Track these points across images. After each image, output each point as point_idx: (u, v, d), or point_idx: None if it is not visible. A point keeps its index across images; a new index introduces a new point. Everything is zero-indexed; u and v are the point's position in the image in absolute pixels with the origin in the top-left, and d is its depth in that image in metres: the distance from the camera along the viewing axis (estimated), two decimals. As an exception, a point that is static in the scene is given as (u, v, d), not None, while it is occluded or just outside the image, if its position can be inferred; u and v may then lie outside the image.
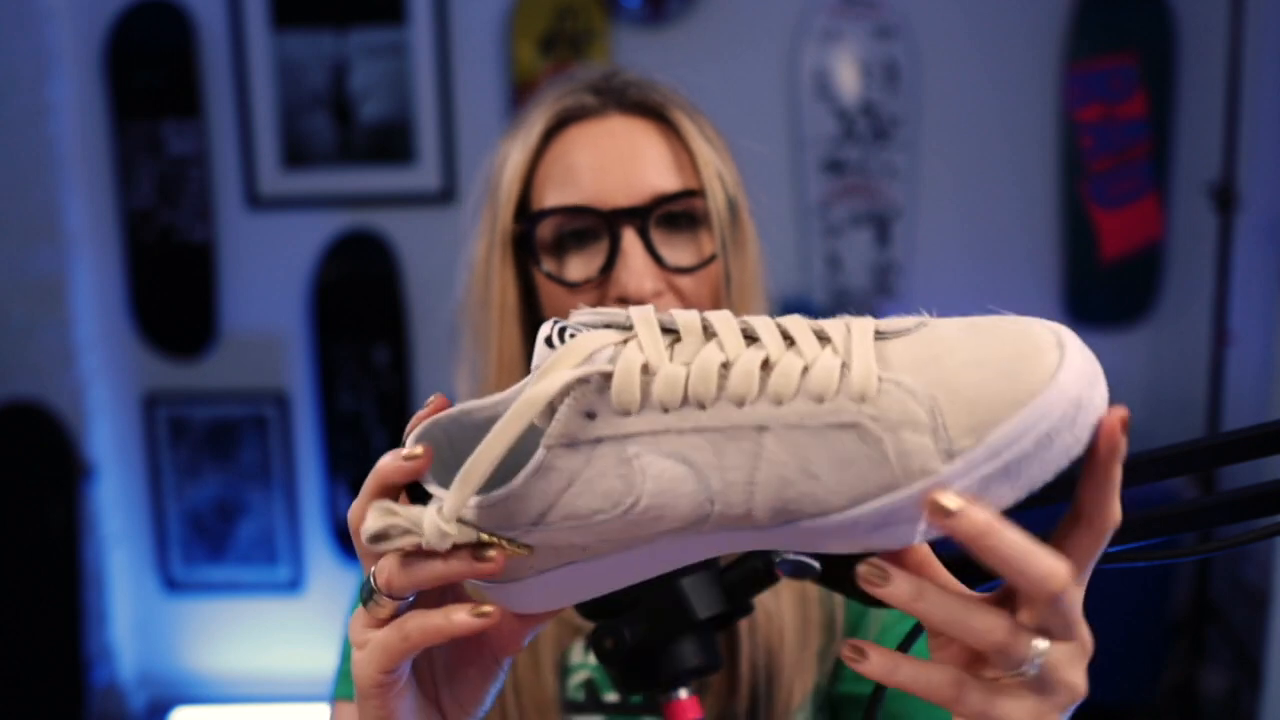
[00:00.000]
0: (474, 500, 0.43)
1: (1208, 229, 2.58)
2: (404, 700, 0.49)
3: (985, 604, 0.43)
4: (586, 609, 0.64)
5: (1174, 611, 2.68)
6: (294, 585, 2.92)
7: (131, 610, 2.99)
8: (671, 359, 0.42)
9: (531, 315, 0.82)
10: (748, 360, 0.42)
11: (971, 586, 0.46)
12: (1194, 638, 2.54)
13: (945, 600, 0.42)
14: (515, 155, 0.80)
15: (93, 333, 2.88)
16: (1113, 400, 0.42)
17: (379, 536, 0.43)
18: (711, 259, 0.78)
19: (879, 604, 0.60)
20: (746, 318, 0.44)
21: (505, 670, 0.52)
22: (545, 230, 0.78)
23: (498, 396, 0.47)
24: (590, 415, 0.42)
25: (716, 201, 0.77)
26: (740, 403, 0.42)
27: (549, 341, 0.43)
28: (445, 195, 2.80)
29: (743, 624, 0.81)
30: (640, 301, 0.75)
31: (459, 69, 2.78)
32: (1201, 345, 2.62)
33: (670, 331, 0.43)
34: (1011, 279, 2.84)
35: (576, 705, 0.82)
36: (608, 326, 0.43)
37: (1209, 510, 0.57)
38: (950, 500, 0.39)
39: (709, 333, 0.43)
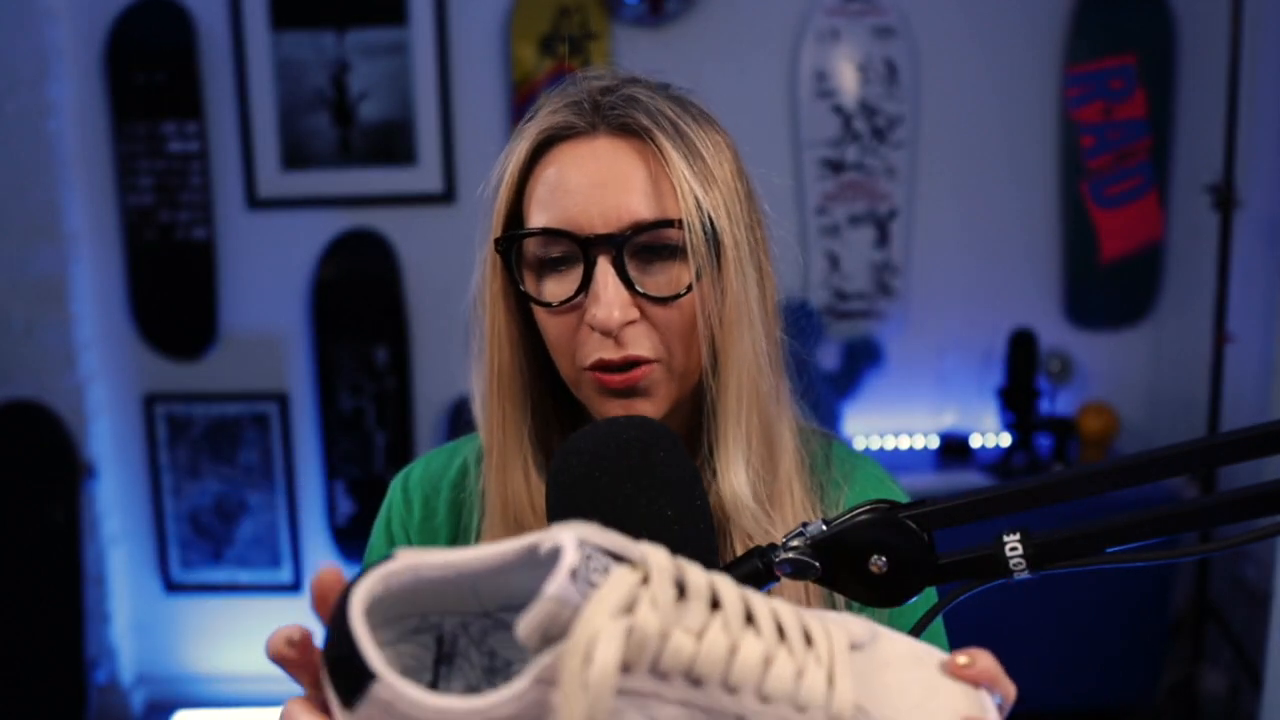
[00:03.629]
0: None
1: (1208, 229, 2.58)
2: None
3: None
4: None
5: (1174, 611, 2.68)
6: (293, 585, 2.93)
7: (131, 610, 2.99)
8: (682, 625, 0.42)
9: (531, 329, 0.83)
10: (751, 652, 0.43)
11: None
12: (1194, 638, 2.54)
13: None
14: (509, 166, 0.80)
15: (93, 333, 2.88)
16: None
17: None
18: (685, 291, 0.76)
19: (880, 604, 0.60)
20: (747, 593, 0.44)
21: None
22: (528, 249, 0.79)
23: (468, 555, 0.44)
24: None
25: (694, 233, 0.75)
26: (733, 690, 0.42)
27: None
28: (445, 195, 2.80)
29: None
30: (608, 331, 0.75)
31: (459, 69, 2.78)
32: (1201, 345, 2.62)
33: (680, 589, 0.43)
34: (1011, 279, 2.84)
35: None
36: (618, 558, 0.42)
37: (1209, 510, 0.57)
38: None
39: (715, 604, 0.43)
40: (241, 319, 2.88)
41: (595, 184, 0.76)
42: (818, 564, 0.59)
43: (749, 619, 0.44)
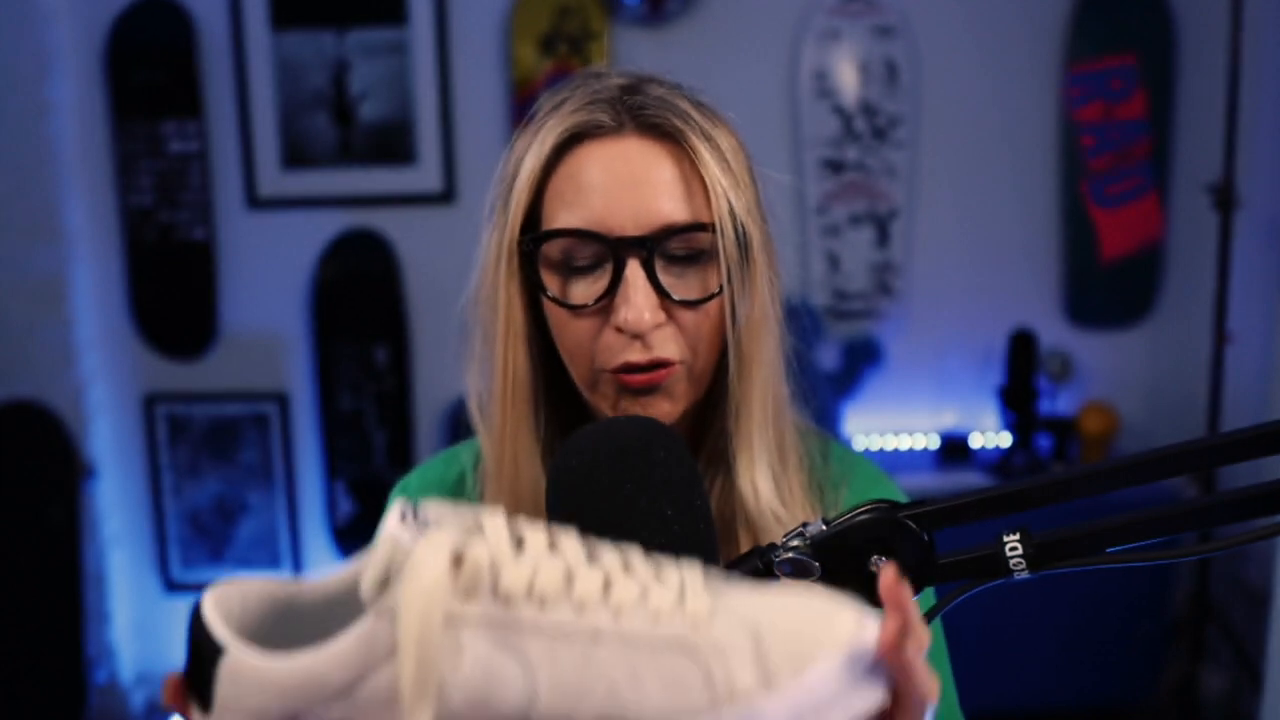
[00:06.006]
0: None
1: (1208, 229, 2.58)
2: None
3: None
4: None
5: (1174, 611, 2.68)
6: (294, 585, 2.92)
7: (131, 610, 2.99)
8: (517, 560, 0.43)
9: (539, 329, 0.82)
10: (589, 577, 0.44)
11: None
12: (1194, 638, 2.54)
13: None
14: (528, 162, 0.77)
15: (93, 333, 2.88)
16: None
17: None
18: (715, 294, 0.76)
19: (880, 604, 0.60)
20: (595, 546, 0.45)
21: None
22: (551, 249, 0.77)
23: (315, 581, 0.46)
24: None
25: (726, 237, 0.75)
26: (581, 608, 0.43)
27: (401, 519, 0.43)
28: (445, 195, 2.80)
29: None
30: (638, 333, 0.74)
31: (459, 69, 2.78)
32: (1201, 345, 2.62)
33: (518, 542, 0.44)
34: (1011, 279, 2.84)
35: None
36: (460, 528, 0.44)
37: (1209, 510, 0.57)
38: (872, 704, 0.45)
39: (554, 548, 0.45)
40: (241, 319, 2.87)
41: (625, 185, 0.74)
42: (818, 564, 0.59)
43: (590, 559, 0.45)
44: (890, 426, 2.87)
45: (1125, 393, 2.81)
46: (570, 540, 0.45)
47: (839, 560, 0.59)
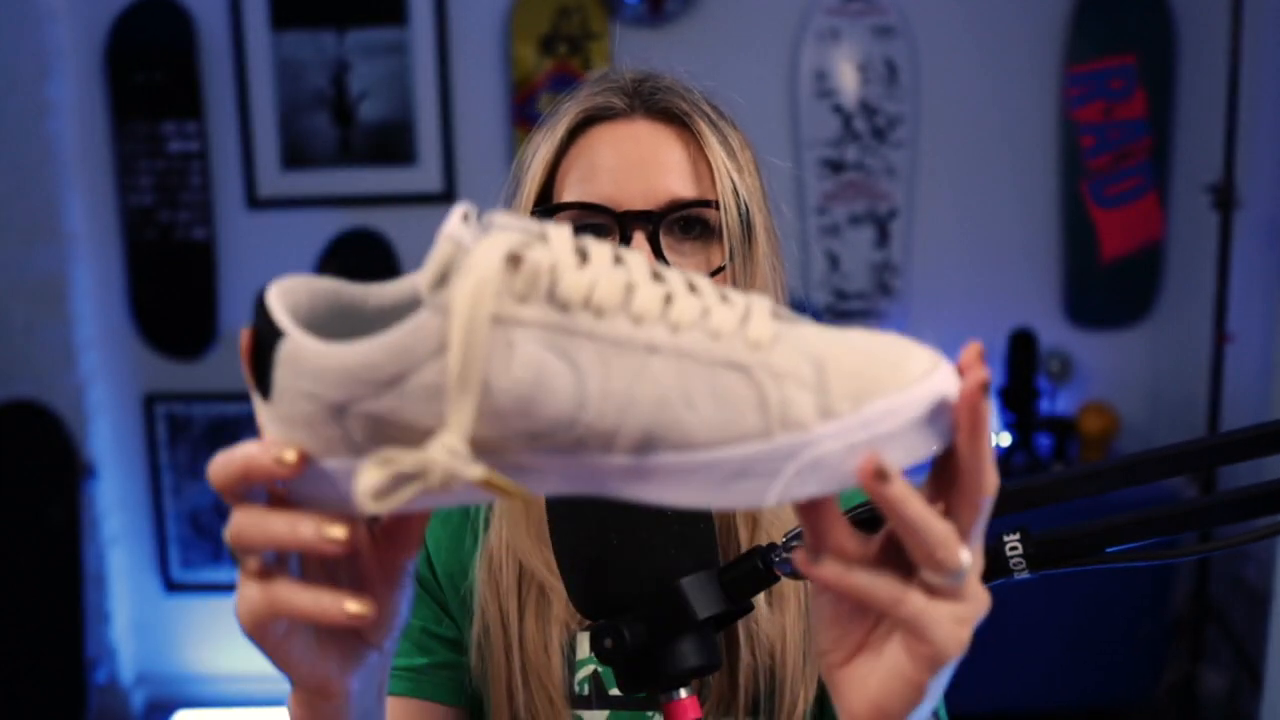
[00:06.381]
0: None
1: (1208, 229, 2.58)
2: (289, 645, 0.48)
3: (886, 569, 0.46)
4: (586, 608, 0.64)
5: (1174, 611, 2.68)
6: (294, 585, 2.92)
7: (131, 610, 2.99)
8: (578, 269, 0.43)
9: None
10: (650, 290, 0.43)
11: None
12: (1194, 637, 2.54)
13: (870, 579, 0.45)
14: (543, 145, 0.81)
15: (93, 333, 2.88)
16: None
17: (380, 493, 0.41)
18: (719, 270, 0.78)
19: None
20: (659, 266, 0.45)
21: (412, 572, 0.51)
22: (559, 222, 0.78)
23: (381, 286, 0.46)
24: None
25: (729, 214, 0.78)
26: (639, 320, 0.42)
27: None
28: (445, 195, 2.80)
29: (741, 627, 0.81)
30: None
31: (459, 69, 2.78)
32: (1201, 345, 2.62)
33: (581, 254, 0.43)
34: (1011, 279, 2.84)
35: (582, 699, 0.83)
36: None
37: (1209, 510, 0.57)
38: (890, 464, 0.42)
39: (619, 261, 0.44)
40: (241, 319, 2.87)
41: (633, 163, 0.78)
42: (818, 564, 0.59)
43: (655, 277, 0.44)
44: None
45: (1125, 393, 2.81)
46: (637, 257, 0.44)
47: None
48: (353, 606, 0.44)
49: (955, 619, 0.45)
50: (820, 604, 0.50)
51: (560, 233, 0.43)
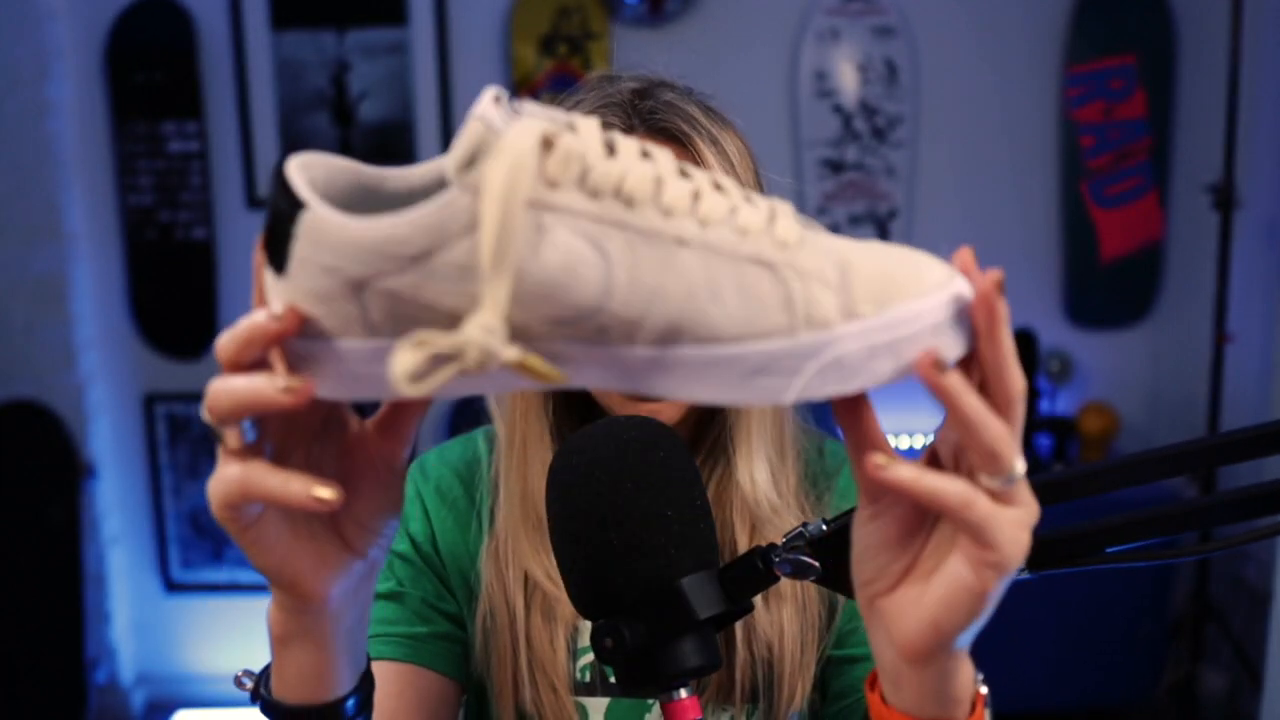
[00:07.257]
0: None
1: (1208, 229, 2.58)
2: (258, 531, 0.47)
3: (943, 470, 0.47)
4: (586, 608, 0.64)
5: (1174, 611, 2.68)
6: (294, 585, 2.92)
7: (131, 610, 2.99)
8: (608, 159, 0.42)
9: None
10: (679, 186, 0.43)
11: None
12: (1194, 638, 2.54)
13: (944, 480, 0.45)
14: None
15: (93, 333, 2.88)
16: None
17: (416, 375, 0.39)
18: None
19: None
20: (685, 165, 0.45)
21: (402, 478, 0.50)
22: None
23: (401, 170, 0.45)
24: None
25: None
26: (668, 213, 0.42)
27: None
28: (445, 195, 2.79)
29: (739, 626, 0.81)
30: None
31: (459, 69, 2.78)
32: (1201, 345, 2.62)
33: (610, 147, 0.43)
34: (1011, 279, 2.82)
35: (585, 686, 0.84)
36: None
37: (1209, 510, 0.57)
38: (949, 357, 0.43)
39: (646, 156, 0.44)
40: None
41: None
42: (818, 564, 0.59)
43: (682, 173, 0.44)
44: (890, 426, 2.86)
45: (1125, 393, 2.81)
46: (664, 153, 0.44)
47: (840, 559, 0.59)
48: (322, 492, 0.43)
49: (1016, 523, 0.45)
50: (866, 532, 0.50)
51: (588, 124, 0.43)
